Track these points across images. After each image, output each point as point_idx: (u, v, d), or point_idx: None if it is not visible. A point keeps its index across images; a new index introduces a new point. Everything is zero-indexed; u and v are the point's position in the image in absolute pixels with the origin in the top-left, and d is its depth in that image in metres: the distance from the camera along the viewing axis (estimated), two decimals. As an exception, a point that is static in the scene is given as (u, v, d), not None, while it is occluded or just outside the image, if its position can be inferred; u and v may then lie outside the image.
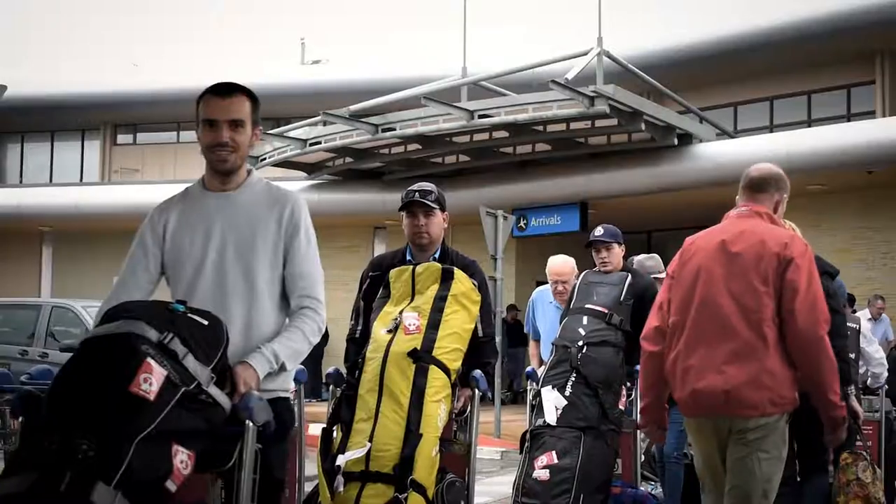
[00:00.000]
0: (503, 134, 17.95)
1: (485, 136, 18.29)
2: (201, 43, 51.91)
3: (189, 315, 3.32)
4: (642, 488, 7.16)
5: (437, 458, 4.41)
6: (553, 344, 6.69)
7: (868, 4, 19.28)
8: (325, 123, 19.13)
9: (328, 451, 4.46)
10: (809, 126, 19.49)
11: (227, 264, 3.74)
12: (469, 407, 4.88)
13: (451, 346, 4.62)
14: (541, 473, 6.05)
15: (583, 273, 7.18)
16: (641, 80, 18.71)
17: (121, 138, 28.98)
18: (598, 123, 17.01)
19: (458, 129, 17.51)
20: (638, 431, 6.57)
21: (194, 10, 55.14)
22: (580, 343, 6.39)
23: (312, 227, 3.87)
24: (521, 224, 19.21)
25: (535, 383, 6.67)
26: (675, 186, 17.62)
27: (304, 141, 19.33)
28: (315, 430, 17.86)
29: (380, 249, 22.71)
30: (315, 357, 21.09)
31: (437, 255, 5.32)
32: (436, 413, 4.43)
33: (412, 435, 4.32)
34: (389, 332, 4.66)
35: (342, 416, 4.56)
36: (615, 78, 17.44)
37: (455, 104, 17.17)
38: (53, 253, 25.28)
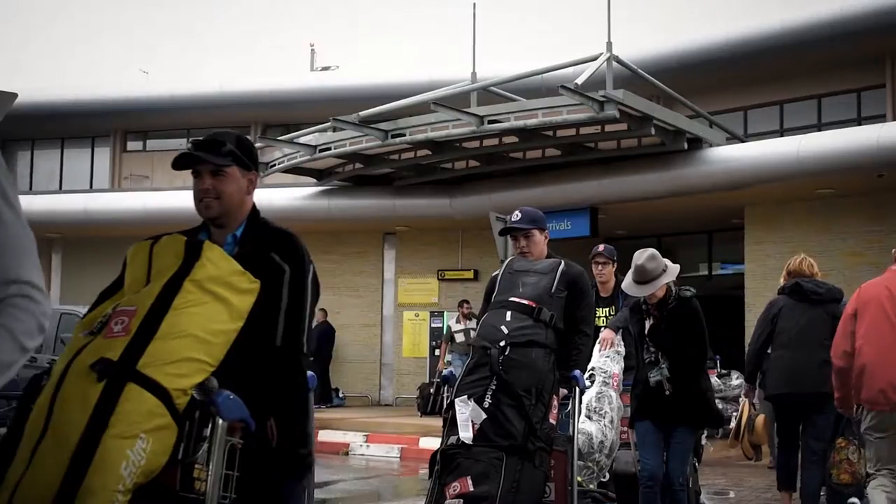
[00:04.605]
0: (513, 139, 17.93)
1: (494, 141, 18.27)
2: (211, 50, 52.05)
3: None
4: None
5: None
6: (471, 345, 5.74)
7: (878, 8, 19.22)
8: (334, 129, 19.13)
9: None
10: (819, 130, 19.43)
11: None
12: (209, 445, 3.23)
13: (178, 354, 3.14)
14: (453, 503, 5.03)
15: (507, 260, 6.04)
16: (651, 84, 18.69)
17: (131, 145, 29.02)
18: (608, 128, 16.98)
19: (467, 135, 17.49)
20: (573, 450, 5.61)
21: (204, 17, 55.29)
22: (502, 344, 5.30)
23: (11, 178, 2.60)
24: (531, 229, 19.14)
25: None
26: (685, 191, 17.57)
27: (314, 147, 19.35)
28: (324, 436, 17.73)
29: (389, 255, 22.72)
30: (322, 361, 21.17)
31: (238, 233, 3.80)
32: (120, 454, 2.93)
33: (70, 487, 2.88)
34: (91, 334, 3.24)
35: None
36: (625, 82, 17.41)
37: (465, 110, 17.16)
38: (62, 259, 25.32)
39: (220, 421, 3.17)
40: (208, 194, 3.69)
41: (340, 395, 21.92)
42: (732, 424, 9.07)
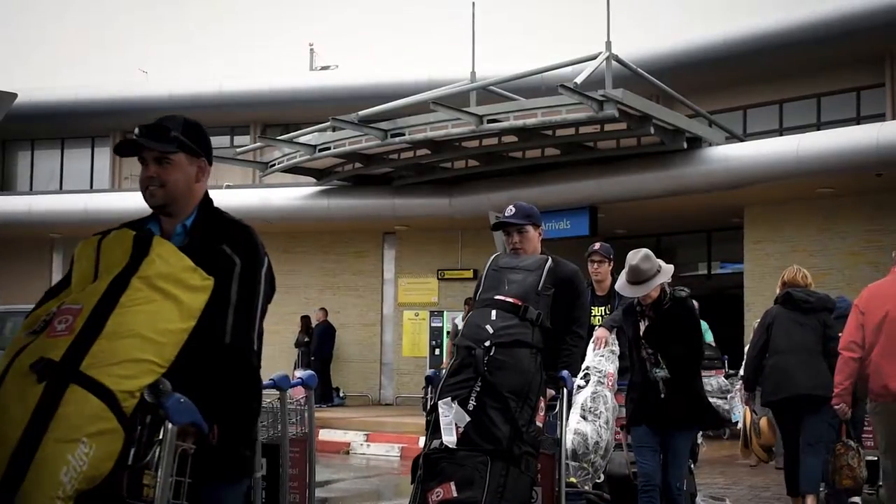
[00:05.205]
0: (512, 138, 17.94)
1: (494, 140, 18.28)
2: (211, 50, 52.05)
3: None
4: None
5: None
6: (455, 345, 5.36)
7: (878, 7, 19.23)
8: (334, 129, 19.14)
9: None
10: (819, 129, 19.45)
11: None
12: (160, 452, 3.06)
13: (124, 355, 2.95)
14: None
15: (493, 256, 5.76)
16: (650, 83, 18.68)
17: (130, 145, 28.98)
18: (608, 127, 16.99)
19: (467, 134, 17.50)
20: (561, 454, 5.45)
21: (204, 17, 55.31)
22: (487, 344, 5.08)
23: None
24: (531, 229, 19.14)
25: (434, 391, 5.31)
26: (684, 190, 17.59)
27: (314, 147, 19.35)
28: (325, 435, 17.73)
29: (389, 255, 22.74)
30: (323, 361, 21.19)
31: (189, 222, 3.54)
32: (60, 459, 2.78)
33: (6, 492, 2.77)
34: (33, 333, 3.08)
35: None
36: (624, 82, 17.41)
37: (464, 109, 17.17)
38: (63, 260, 25.32)
39: (170, 425, 3.01)
40: (152, 182, 3.48)
41: (341, 394, 21.95)
42: (739, 425, 9.23)
